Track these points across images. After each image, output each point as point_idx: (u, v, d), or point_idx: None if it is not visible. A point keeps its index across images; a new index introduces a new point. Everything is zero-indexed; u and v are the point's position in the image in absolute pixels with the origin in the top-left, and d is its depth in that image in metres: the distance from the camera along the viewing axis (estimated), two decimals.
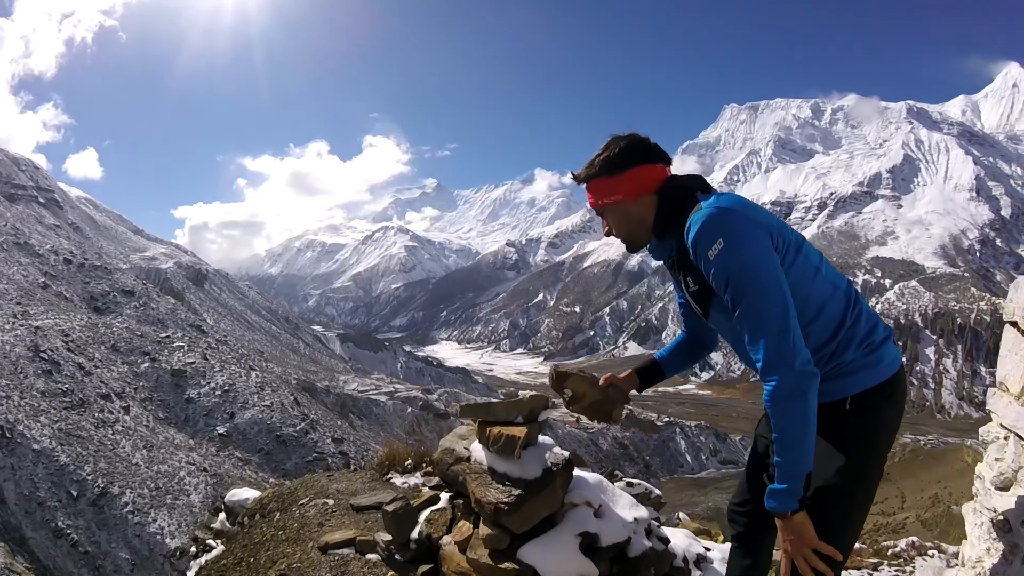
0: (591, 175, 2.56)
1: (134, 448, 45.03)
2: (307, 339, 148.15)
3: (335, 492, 5.78)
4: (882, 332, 2.49)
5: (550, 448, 3.22)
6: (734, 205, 2.33)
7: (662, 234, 2.55)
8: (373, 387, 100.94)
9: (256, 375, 64.72)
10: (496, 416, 3.22)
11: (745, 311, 2.22)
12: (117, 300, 70.74)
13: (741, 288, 2.21)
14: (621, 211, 2.57)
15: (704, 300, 2.49)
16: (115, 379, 53.87)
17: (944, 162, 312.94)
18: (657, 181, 2.52)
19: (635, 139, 2.52)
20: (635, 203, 2.53)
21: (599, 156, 2.55)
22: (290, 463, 53.69)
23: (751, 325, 2.22)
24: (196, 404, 56.67)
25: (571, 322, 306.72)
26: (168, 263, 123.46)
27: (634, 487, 6.16)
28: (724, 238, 2.22)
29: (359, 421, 78.90)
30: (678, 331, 14.66)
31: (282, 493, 5.98)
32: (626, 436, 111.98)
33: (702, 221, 2.27)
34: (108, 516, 38.12)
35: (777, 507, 2.23)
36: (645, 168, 2.50)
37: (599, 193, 2.57)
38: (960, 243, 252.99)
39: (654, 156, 2.53)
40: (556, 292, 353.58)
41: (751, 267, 2.21)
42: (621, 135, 2.55)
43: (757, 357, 2.21)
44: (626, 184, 2.51)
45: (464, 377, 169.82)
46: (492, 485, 3.10)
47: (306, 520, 5.04)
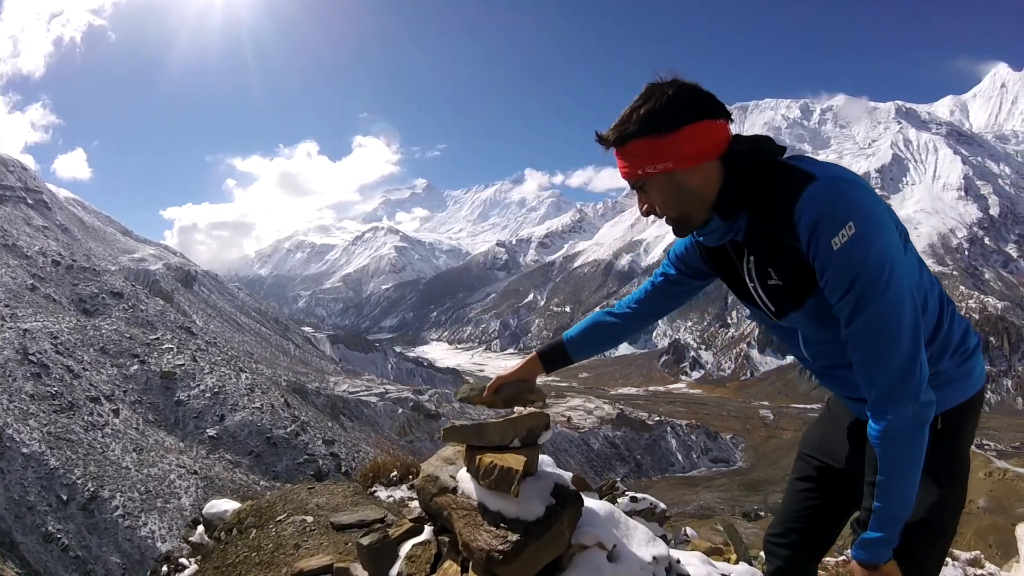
0: (628, 133, 1.86)
1: (124, 451, 44.93)
2: (297, 340, 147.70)
3: (315, 507, 5.35)
4: (974, 338, 2.06)
5: (554, 478, 2.72)
6: (860, 179, 1.83)
7: (731, 213, 1.91)
8: (364, 388, 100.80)
9: (246, 377, 64.60)
10: (488, 439, 2.67)
11: (870, 324, 1.73)
12: (106, 302, 70.42)
13: (872, 293, 1.70)
14: (672, 184, 1.89)
15: (790, 298, 1.94)
16: (104, 382, 53.70)
17: (933, 162, 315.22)
18: (721, 143, 1.87)
19: (687, 87, 1.84)
20: (691, 172, 1.86)
21: (638, 109, 1.85)
22: (281, 465, 53.64)
23: (874, 342, 1.74)
24: (186, 406, 56.51)
25: (561, 322, 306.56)
26: (157, 264, 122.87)
27: (639, 502, 5.99)
28: (857, 222, 1.69)
29: (350, 422, 78.84)
30: (668, 330, 14.78)
31: (260, 507, 5.58)
32: (617, 435, 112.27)
33: (827, 198, 1.72)
34: (98, 520, 38.02)
35: (868, 559, 1.86)
36: (705, 125, 1.83)
37: (639, 159, 1.88)
38: (949, 242, 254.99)
39: (714, 110, 1.86)
40: (546, 292, 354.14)
41: (889, 267, 1.70)
42: (663, 81, 1.87)
43: (873, 381, 1.76)
44: (680, 146, 1.83)
45: (455, 378, 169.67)
46: (483, 527, 2.57)
47: (282, 540, 4.69)
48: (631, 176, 1.93)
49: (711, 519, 70.72)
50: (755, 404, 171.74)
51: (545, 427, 2.86)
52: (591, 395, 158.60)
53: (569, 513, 2.64)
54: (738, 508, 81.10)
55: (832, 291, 1.78)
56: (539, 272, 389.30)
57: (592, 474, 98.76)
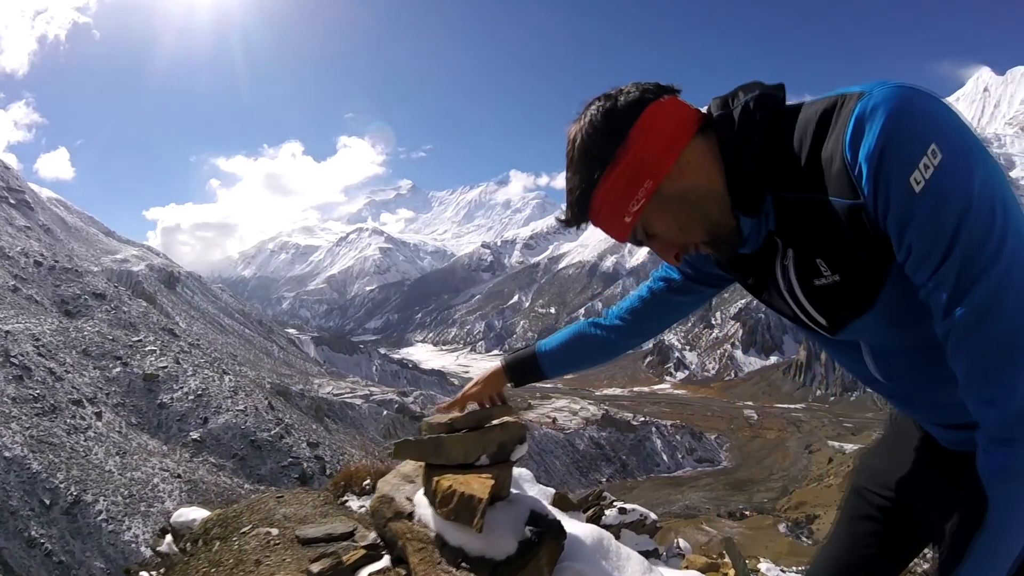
0: (583, 191, 1.37)
1: (107, 455, 44.60)
2: (281, 342, 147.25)
3: (281, 519, 5.00)
4: None
5: (529, 503, 2.25)
6: (930, 91, 1.16)
7: (753, 199, 1.34)
8: (348, 390, 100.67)
9: (229, 379, 64.26)
10: (449, 456, 2.18)
11: (985, 306, 1.08)
12: (88, 303, 69.90)
13: (984, 254, 1.07)
14: (668, 202, 1.36)
15: (854, 297, 1.29)
16: (87, 384, 53.28)
17: None
18: (689, 119, 1.36)
19: (600, 96, 1.40)
20: (678, 174, 1.33)
21: (572, 156, 1.39)
22: (265, 468, 53.45)
23: (993, 336, 1.09)
24: (169, 409, 56.15)
25: (546, 323, 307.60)
26: (140, 265, 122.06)
27: (628, 514, 5.69)
28: (943, 145, 1.07)
29: (334, 425, 78.68)
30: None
31: (226, 517, 5.24)
32: (602, 436, 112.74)
33: (891, 114, 1.10)
34: (82, 525, 37.73)
35: None
36: (650, 111, 1.34)
37: (616, 206, 1.37)
38: None
39: (648, 91, 1.37)
40: (531, 293, 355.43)
41: (1002, 211, 1.08)
42: (585, 105, 1.42)
43: (994, 396, 1.11)
44: (643, 153, 1.32)
45: (440, 379, 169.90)
46: (441, 566, 2.12)
47: (244, 555, 4.34)
48: (626, 231, 1.41)
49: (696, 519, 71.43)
50: (739, 404, 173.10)
51: (519, 441, 2.33)
52: (576, 396, 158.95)
53: (548, 548, 2.16)
54: (723, 507, 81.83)
55: (920, 261, 1.13)
56: (524, 273, 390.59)
57: (577, 475, 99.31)
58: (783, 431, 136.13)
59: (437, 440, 2.21)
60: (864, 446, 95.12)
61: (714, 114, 1.37)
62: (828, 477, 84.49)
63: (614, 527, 5.86)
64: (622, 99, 1.34)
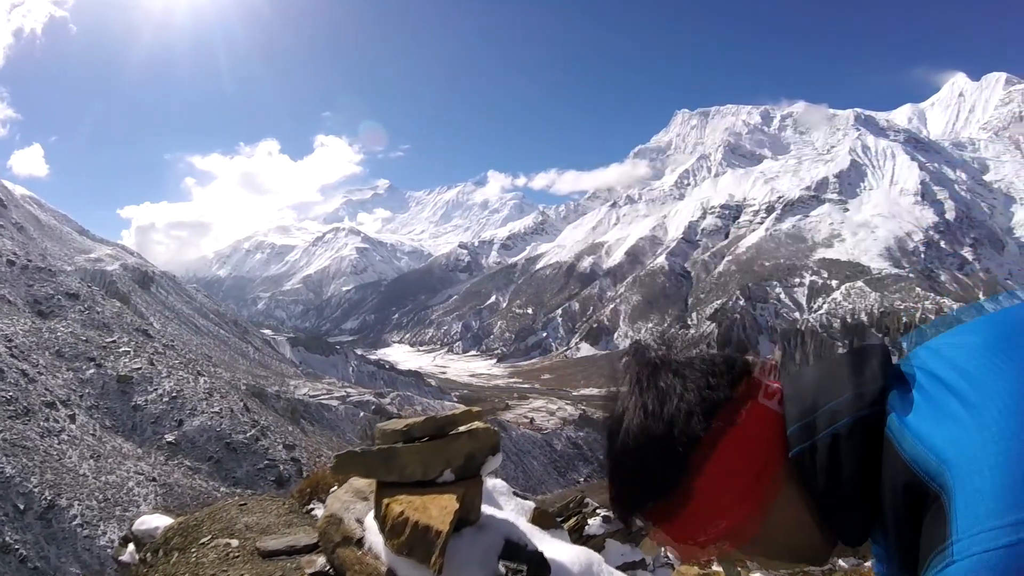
0: (634, 508, 1.16)
1: (81, 458, 44.16)
2: (256, 343, 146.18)
3: (243, 528, 4.72)
4: None
5: (504, 529, 1.89)
6: None
7: (866, 535, 1.09)
8: (324, 392, 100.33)
9: (204, 381, 63.86)
10: (403, 472, 1.80)
11: None
12: (62, 304, 69.01)
13: None
14: (745, 536, 1.10)
15: None
16: (60, 386, 52.69)
17: (890, 167, 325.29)
18: (773, 434, 1.09)
19: (663, 382, 1.14)
20: (760, 514, 1.07)
21: (619, 460, 1.14)
22: (241, 471, 53.21)
23: None
24: (143, 411, 55.67)
25: (524, 324, 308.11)
26: (114, 265, 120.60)
27: (612, 522, 5.45)
28: None
29: (311, 427, 78.42)
30: (629, 331, 14.82)
31: (187, 526, 4.98)
32: (580, 436, 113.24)
33: None
34: (57, 530, 37.35)
35: None
36: (730, 442, 1.06)
37: (677, 532, 1.12)
38: (905, 245, 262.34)
39: (718, 401, 1.09)
40: (508, 294, 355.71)
41: None
42: (625, 362, 1.27)
43: None
44: (715, 494, 1.06)
45: (417, 380, 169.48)
46: None
47: (201, 569, 4.13)
48: (692, 553, 1.14)
49: None
50: None
51: (492, 451, 1.97)
52: (553, 396, 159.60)
53: None
54: None
55: None
56: (501, 274, 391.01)
57: (555, 475, 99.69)
58: None
59: (389, 452, 1.78)
60: None
61: (793, 447, 1.06)
62: None
63: (598, 538, 5.71)
64: (685, 406, 1.08)
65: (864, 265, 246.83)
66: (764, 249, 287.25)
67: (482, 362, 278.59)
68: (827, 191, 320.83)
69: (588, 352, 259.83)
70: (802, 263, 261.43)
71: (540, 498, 69.50)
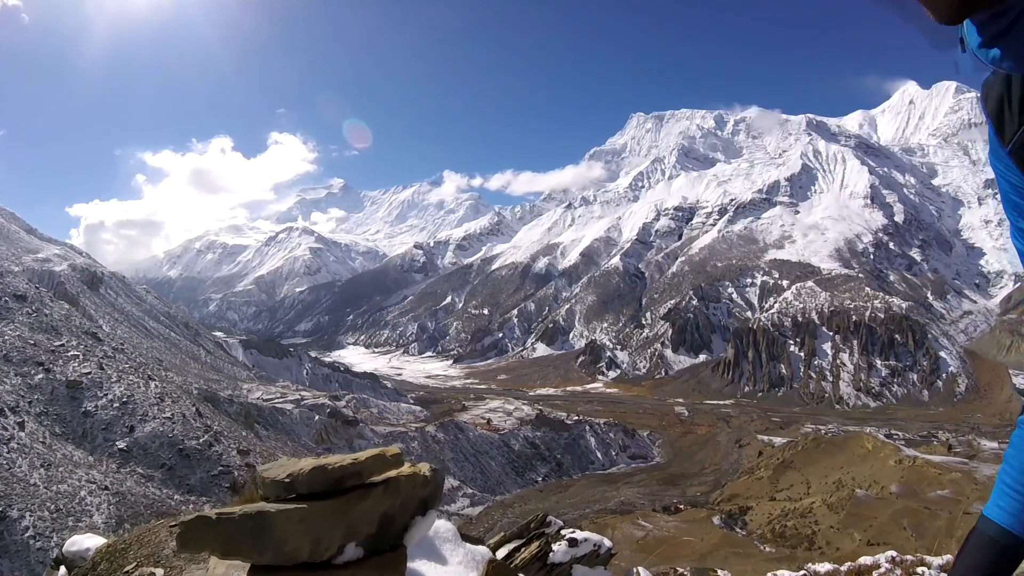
0: None
1: (31, 467, 43.16)
2: (208, 346, 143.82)
3: (170, 555, 4.46)
4: None
5: None
6: None
7: None
8: (279, 395, 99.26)
9: (156, 385, 62.90)
10: (279, 549, 1.29)
11: None
12: (8, 306, 67.26)
13: None
14: None
15: None
16: (8, 392, 51.44)
17: (841, 171, 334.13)
18: None
19: None
20: None
21: None
22: (195, 478, 52.55)
23: None
24: (94, 418, 54.63)
25: (479, 324, 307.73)
26: (62, 265, 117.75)
27: (580, 545, 5.17)
28: None
29: (265, 431, 77.64)
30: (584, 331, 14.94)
31: (114, 551, 4.70)
32: (537, 436, 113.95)
33: None
34: (9, 542, 36.46)
35: None
36: None
37: None
38: (855, 246, 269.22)
39: None
40: (464, 295, 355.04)
41: None
42: None
43: None
44: None
45: (373, 382, 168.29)
46: None
47: None
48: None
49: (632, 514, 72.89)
50: (670, 401, 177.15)
51: (419, 509, 1.40)
52: (510, 396, 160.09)
53: None
54: (658, 502, 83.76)
55: None
56: (457, 274, 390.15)
57: (513, 475, 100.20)
58: (713, 427, 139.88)
59: (258, 518, 1.18)
60: (792, 439, 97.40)
61: None
62: (759, 470, 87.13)
63: (564, 565, 5.30)
64: None
65: (815, 266, 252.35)
66: (717, 250, 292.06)
67: (438, 363, 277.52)
68: (779, 194, 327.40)
69: (544, 352, 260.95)
70: (754, 264, 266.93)
71: (499, 499, 69.56)
